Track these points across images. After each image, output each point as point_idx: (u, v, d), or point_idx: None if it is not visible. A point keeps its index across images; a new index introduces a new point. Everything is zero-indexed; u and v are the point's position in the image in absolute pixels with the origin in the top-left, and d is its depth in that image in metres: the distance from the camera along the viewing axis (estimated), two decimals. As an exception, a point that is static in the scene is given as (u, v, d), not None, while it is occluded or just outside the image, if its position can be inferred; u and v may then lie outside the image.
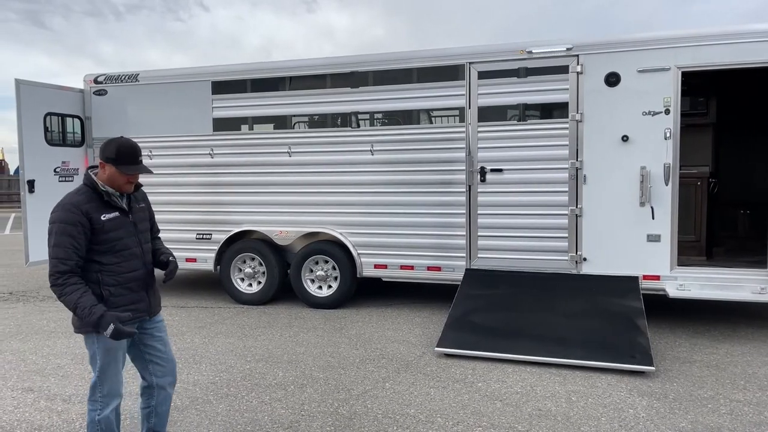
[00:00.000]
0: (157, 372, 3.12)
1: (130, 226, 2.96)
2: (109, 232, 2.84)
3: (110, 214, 2.86)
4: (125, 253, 2.91)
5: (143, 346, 3.09)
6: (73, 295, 2.72)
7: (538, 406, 4.06)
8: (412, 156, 6.46)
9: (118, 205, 2.92)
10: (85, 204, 2.79)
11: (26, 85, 7.01)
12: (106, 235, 2.83)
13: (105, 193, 2.87)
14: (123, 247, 2.91)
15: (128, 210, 2.97)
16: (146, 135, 7.38)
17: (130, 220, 2.96)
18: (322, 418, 3.88)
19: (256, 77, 7.00)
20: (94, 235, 2.80)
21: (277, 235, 7.00)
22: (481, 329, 5.35)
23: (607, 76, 5.79)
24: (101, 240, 2.82)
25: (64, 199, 2.82)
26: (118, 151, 2.83)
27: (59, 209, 2.79)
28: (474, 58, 6.22)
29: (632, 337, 4.95)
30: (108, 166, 2.84)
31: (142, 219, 3.08)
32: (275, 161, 6.96)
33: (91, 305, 2.72)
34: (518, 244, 6.19)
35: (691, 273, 5.73)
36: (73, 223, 2.74)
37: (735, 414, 3.89)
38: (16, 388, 4.49)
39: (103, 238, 2.82)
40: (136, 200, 3.06)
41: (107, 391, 2.94)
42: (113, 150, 2.83)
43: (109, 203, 2.89)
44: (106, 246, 2.84)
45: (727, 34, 5.46)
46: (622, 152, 5.78)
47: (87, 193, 2.85)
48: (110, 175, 2.86)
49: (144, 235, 3.07)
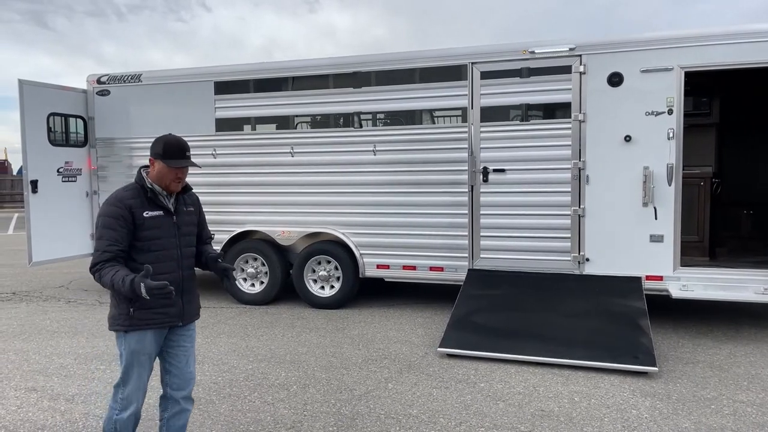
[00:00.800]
0: (172, 384, 3.07)
1: (172, 227, 2.93)
2: (148, 230, 2.83)
3: (153, 212, 2.86)
4: (161, 254, 2.88)
5: (166, 354, 3.04)
6: (109, 273, 2.70)
7: (541, 406, 4.05)
8: (415, 156, 6.46)
9: (163, 204, 2.91)
10: (129, 199, 2.82)
11: (29, 85, 7.03)
12: (145, 233, 2.82)
13: (151, 191, 2.88)
14: (160, 247, 2.88)
15: (174, 211, 2.95)
16: (149, 135, 7.37)
17: (173, 221, 2.94)
18: (324, 419, 3.88)
19: (258, 77, 7.00)
20: (135, 230, 2.80)
21: (279, 236, 7.01)
22: (484, 329, 5.35)
23: (610, 76, 5.78)
24: (140, 237, 2.82)
25: (111, 195, 2.86)
26: (165, 146, 2.87)
27: (105, 204, 2.82)
28: (477, 58, 6.22)
29: (635, 338, 4.94)
30: (156, 162, 2.87)
31: (188, 222, 3.04)
32: (278, 161, 6.96)
33: (124, 276, 2.67)
34: (521, 245, 6.18)
35: (694, 273, 5.71)
36: (116, 216, 2.76)
37: (738, 415, 3.88)
38: (19, 388, 4.50)
39: (142, 234, 2.82)
40: (185, 203, 3.05)
41: (127, 393, 2.91)
42: (160, 146, 2.87)
43: (155, 201, 2.89)
44: (143, 243, 2.82)
45: (731, 34, 5.45)
46: (625, 152, 5.77)
47: (134, 190, 2.87)
48: (158, 171, 2.87)
49: (187, 239, 3.02)
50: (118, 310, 2.85)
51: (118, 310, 2.85)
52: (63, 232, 7.44)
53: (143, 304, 2.78)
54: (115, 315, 2.87)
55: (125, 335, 2.85)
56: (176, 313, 2.96)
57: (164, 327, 2.94)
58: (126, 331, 2.84)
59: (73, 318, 6.67)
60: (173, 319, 2.95)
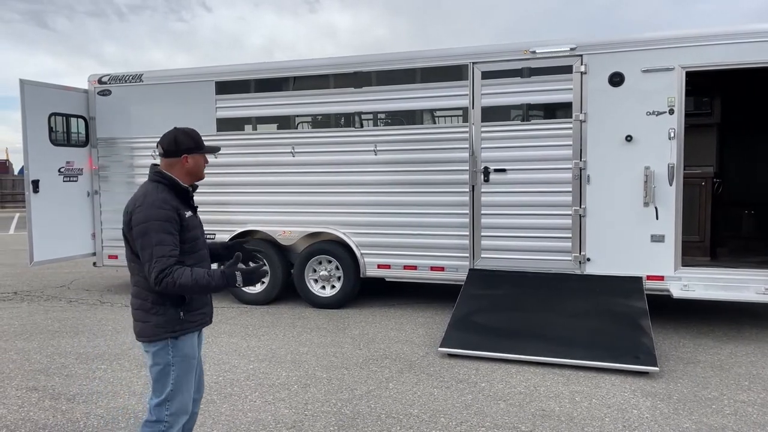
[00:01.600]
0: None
1: (200, 227, 2.86)
2: (191, 231, 2.72)
3: (188, 212, 2.75)
4: (201, 254, 2.79)
5: None
6: (185, 274, 2.54)
7: (542, 406, 4.05)
8: (416, 156, 6.46)
9: (192, 204, 2.83)
10: (173, 200, 2.68)
11: (31, 85, 7.04)
12: (189, 234, 2.70)
13: (189, 190, 2.78)
14: (200, 247, 2.80)
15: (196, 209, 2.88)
16: (150, 135, 7.39)
17: (199, 220, 2.87)
18: (325, 418, 3.88)
19: (259, 77, 7.01)
20: (180, 232, 2.67)
21: (280, 235, 7.01)
22: (485, 329, 5.35)
23: (611, 76, 5.78)
24: (185, 238, 2.69)
25: (148, 197, 2.64)
26: (195, 138, 2.79)
27: (149, 207, 2.60)
28: (477, 58, 6.22)
29: (636, 338, 4.94)
30: (192, 157, 2.76)
31: (202, 222, 2.96)
32: (279, 161, 6.97)
33: (206, 270, 2.59)
34: (522, 245, 6.18)
35: (695, 273, 5.71)
36: (168, 219, 2.60)
37: (739, 415, 3.88)
38: (20, 387, 4.51)
39: (187, 236, 2.69)
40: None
41: (176, 408, 2.70)
42: (189, 140, 2.77)
43: (187, 201, 2.78)
44: (188, 245, 2.70)
45: (732, 34, 5.45)
46: (626, 152, 5.77)
47: (167, 191, 2.70)
48: (196, 165, 2.78)
49: (204, 237, 2.92)
50: (165, 316, 2.65)
51: (166, 316, 2.65)
52: (64, 231, 7.45)
53: (191, 306, 2.69)
54: (161, 323, 2.65)
55: (175, 342, 2.67)
56: (210, 313, 2.88)
57: (202, 327, 2.83)
58: (176, 336, 2.67)
59: (75, 318, 6.67)
60: (208, 319, 2.86)
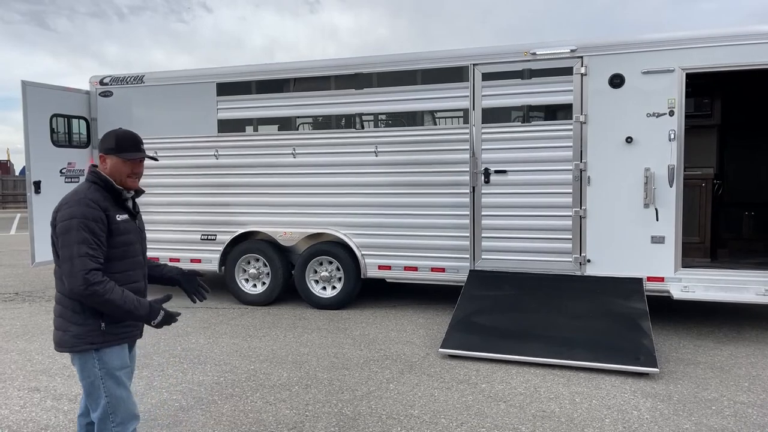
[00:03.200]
0: None
1: (136, 232, 2.69)
2: (121, 235, 2.57)
3: (122, 215, 2.59)
4: (133, 261, 2.65)
5: None
6: (116, 291, 2.43)
7: (542, 407, 4.06)
8: (416, 157, 6.47)
9: (128, 206, 2.67)
10: (102, 201, 2.52)
11: (32, 86, 7.05)
12: (119, 239, 2.56)
13: (122, 192, 2.61)
14: (132, 254, 2.64)
15: (135, 214, 2.72)
16: (151, 136, 7.41)
17: (136, 225, 2.70)
18: (326, 419, 3.90)
19: (260, 79, 7.02)
20: (109, 236, 2.52)
21: (281, 236, 7.02)
22: (485, 330, 5.36)
23: (612, 77, 5.79)
24: (114, 243, 2.54)
25: (76, 195, 2.52)
26: (118, 140, 2.59)
27: (75, 204, 2.47)
28: (478, 59, 6.23)
29: (636, 339, 4.95)
30: (109, 158, 2.59)
31: (143, 227, 2.82)
32: (280, 162, 6.98)
33: (136, 297, 2.50)
34: (522, 246, 6.19)
35: (696, 275, 5.72)
36: (94, 218, 2.46)
37: (739, 416, 3.89)
38: (22, 388, 4.52)
39: (116, 241, 2.54)
40: (136, 206, 2.78)
41: (122, 417, 2.59)
42: (112, 140, 2.59)
43: (121, 204, 2.63)
44: (118, 251, 2.56)
45: (732, 36, 5.46)
46: (627, 154, 5.78)
47: (98, 191, 2.55)
48: (112, 167, 2.59)
49: (144, 243, 2.80)
50: (84, 327, 2.51)
51: (86, 326, 2.51)
52: (66, 232, 7.44)
53: (115, 318, 2.53)
54: (81, 333, 2.51)
55: (98, 353, 2.53)
56: (140, 325, 2.73)
57: (131, 341, 2.69)
58: (98, 348, 2.52)
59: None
60: (138, 332, 2.71)
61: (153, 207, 7.42)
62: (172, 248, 7.38)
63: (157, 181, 7.41)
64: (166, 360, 5.14)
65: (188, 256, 7.30)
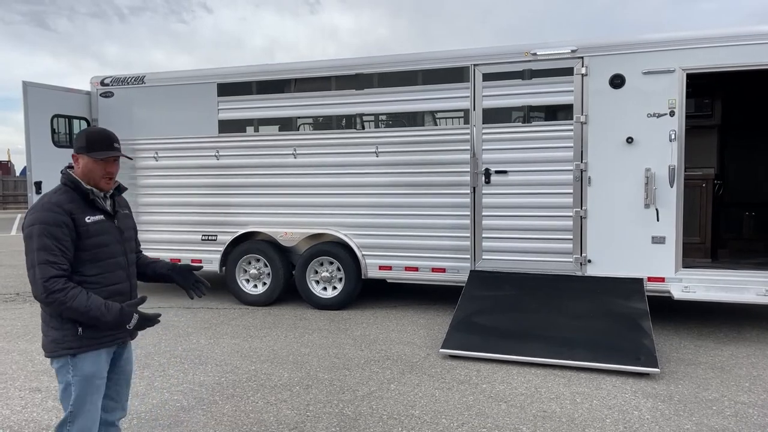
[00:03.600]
0: (107, 407, 2.70)
1: (115, 232, 2.61)
2: (93, 237, 2.50)
3: (95, 216, 2.52)
4: (110, 263, 2.57)
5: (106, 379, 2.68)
6: (80, 298, 2.39)
7: (543, 407, 4.06)
8: (417, 158, 6.47)
9: (102, 207, 2.58)
10: (67, 203, 2.46)
11: (33, 87, 7.06)
12: (90, 241, 2.49)
13: (90, 192, 2.53)
14: (108, 255, 2.56)
15: (113, 213, 2.64)
16: (152, 137, 7.42)
17: (115, 224, 2.63)
18: (327, 419, 3.90)
19: (261, 79, 7.03)
20: (77, 239, 2.46)
21: (282, 237, 7.03)
22: (486, 331, 5.36)
23: (612, 77, 5.79)
24: (85, 246, 2.48)
25: (42, 199, 2.47)
26: (89, 139, 2.54)
27: (38, 210, 2.42)
28: (479, 60, 6.23)
29: (637, 339, 4.95)
30: (81, 158, 2.53)
31: (128, 226, 2.75)
32: (280, 163, 6.98)
33: (104, 302, 2.43)
34: (523, 246, 6.19)
35: (696, 275, 5.72)
36: (57, 223, 2.40)
37: (740, 416, 3.89)
38: (23, 388, 4.52)
39: (86, 243, 2.48)
40: (120, 205, 2.73)
41: (79, 429, 2.52)
42: (83, 139, 2.54)
43: (93, 204, 2.55)
44: (89, 253, 2.49)
45: (733, 36, 5.46)
46: (627, 154, 5.78)
47: (68, 193, 2.50)
48: (84, 167, 2.53)
49: (129, 244, 2.73)
50: (61, 331, 2.47)
51: (62, 331, 2.47)
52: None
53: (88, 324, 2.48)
54: (58, 338, 2.48)
55: (73, 359, 2.50)
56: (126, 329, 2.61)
57: (115, 345, 2.64)
58: (74, 354, 2.48)
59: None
60: (123, 334, 2.61)
61: (154, 207, 7.42)
62: (173, 249, 7.38)
63: (158, 182, 7.42)
64: (167, 360, 5.15)
65: (189, 257, 7.30)
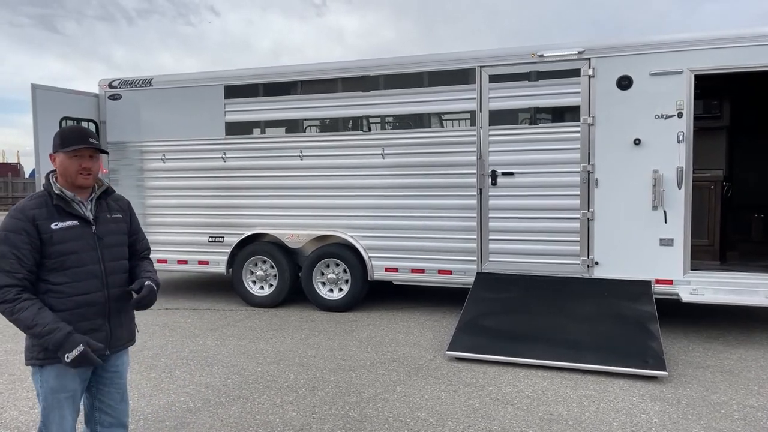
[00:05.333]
0: (103, 421, 2.63)
1: (90, 239, 2.48)
2: (58, 244, 2.39)
3: (64, 222, 2.42)
4: (79, 271, 2.43)
5: (95, 390, 2.61)
6: (29, 311, 2.29)
7: (550, 410, 4.04)
8: (423, 159, 6.47)
9: (78, 212, 2.47)
10: (32, 209, 2.38)
11: (42, 89, 7.10)
12: (55, 248, 2.38)
13: (59, 197, 2.44)
14: (76, 263, 2.43)
15: (93, 219, 2.52)
16: (160, 139, 7.46)
17: (91, 231, 2.50)
18: (333, 421, 3.90)
19: (268, 81, 7.04)
20: (42, 246, 2.37)
21: (288, 238, 7.04)
22: (492, 333, 5.34)
23: (619, 79, 5.77)
24: (50, 253, 2.38)
25: (16, 205, 2.44)
26: (62, 136, 2.47)
27: (7, 216, 2.38)
28: (485, 61, 6.22)
29: (645, 342, 4.92)
30: (57, 156, 2.47)
31: (113, 232, 2.59)
32: (287, 165, 7.00)
33: (54, 321, 2.31)
34: (529, 248, 6.17)
35: (705, 277, 5.68)
36: (15, 230, 2.33)
37: (748, 420, 3.86)
38: (31, 389, 4.54)
39: (52, 250, 2.38)
40: (109, 209, 2.61)
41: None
42: (57, 137, 2.47)
43: (66, 210, 2.44)
44: (54, 261, 2.39)
45: (741, 37, 5.43)
46: (635, 156, 5.76)
47: (41, 198, 2.44)
48: (60, 166, 2.46)
49: (113, 251, 2.57)
50: (30, 340, 2.43)
51: (31, 340, 2.42)
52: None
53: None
54: (28, 346, 2.44)
55: (41, 370, 2.43)
56: (102, 339, 2.51)
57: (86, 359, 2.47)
58: (42, 365, 2.42)
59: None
60: (99, 348, 2.45)
61: (161, 209, 7.46)
62: (180, 250, 7.41)
63: (165, 184, 7.45)
64: (174, 362, 5.16)
65: (196, 258, 7.33)
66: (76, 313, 2.43)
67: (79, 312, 2.44)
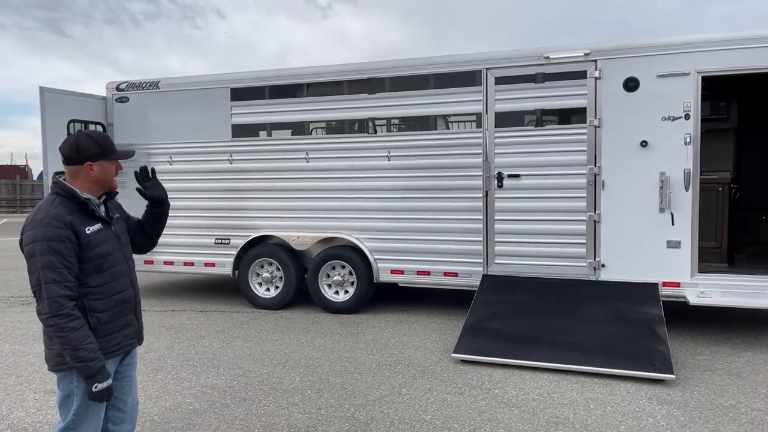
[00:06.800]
0: (115, 418, 2.67)
1: (114, 240, 2.57)
2: (96, 248, 2.44)
3: (93, 226, 2.46)
4: (114, 271, 2.52)
5: None
6: (80, 332, 2.33)
7: (556, 413, 4.03)
8: (429, 161, 6.47)
9: (100, 215, 2.53)
10: (67, 216, 2.38)
11: (50, 92, 7.15)
12: (93, 251, 2.43)
13: (88, 202, 2.46)
14: (111, 264, 2.51)
15: (108, 221, 2.58)
16: (167, 141, 7.49)
17: (112, 232, 2.58)
18: (338, 423, 3.89)
19: (274, 84, 7.06)
20: (81, 251, 2.40)
21: (294, 240, 7.05)
22: (498, 335, 5.33)
23: (626, 81, 5.75)
24: (89, 257, 2.42)
25: (38, 213, 2.37)
26: (100, 144, 2.50)
27: (37, 225, 2.33)
28: (491, 63, 6.21)
29: (652, 345, 4.90)
30: (97, 165, 2.47)
31: (123, 230, 2.69)
32: (293, 167, 7.01)
33: (97, 349, 2.37)
34: (536, 250, 6.16)
35: (712, 280, 5.64)
36: (59, 238, 2.32)
37: (756, 423, 3.83)
38: (38, 390, 4.57)
39: (90, 254, 2.42)
40: (114, 210, 2.67)
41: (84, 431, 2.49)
42: (94, 145, 2.47)
43: (92, 214, 2.48)
44: (93, 264, 2.43)
45: (748, 39, 5.40)
46: (642, 158, 5.73)
47: (65, 203, 2.42)
48: (102, 173, 2.50)
49: (127, 248, 2.68)
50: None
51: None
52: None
53: (98, 332, 2.44)
54: (59, 353, 2.45)
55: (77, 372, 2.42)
56: (134, 334, 2.64)
57: (122, 353, 2.60)
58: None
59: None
60: (132, 340, 2.60)
61: (168, 211, 7.47)
62: (186, 252, 7.43)
63: (172, 186, 7.43)
64: (180, 363, 5.18)
65: (202, 260, 7.35)
66: (116, 311, 2.53)
67: (117, 310, 2.54)
